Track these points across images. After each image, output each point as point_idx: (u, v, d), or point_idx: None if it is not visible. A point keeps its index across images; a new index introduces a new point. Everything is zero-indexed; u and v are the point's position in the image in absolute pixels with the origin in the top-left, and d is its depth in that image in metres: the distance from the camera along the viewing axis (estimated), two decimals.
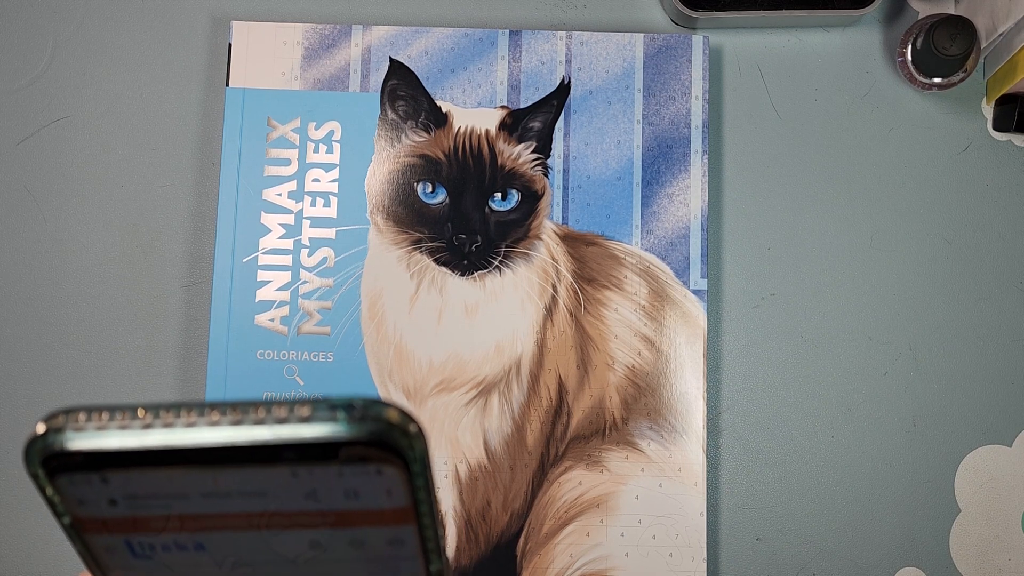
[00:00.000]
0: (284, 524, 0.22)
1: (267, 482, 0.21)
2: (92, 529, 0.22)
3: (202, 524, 0.22)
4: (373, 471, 0.20)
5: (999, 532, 0.51)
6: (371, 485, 0.21)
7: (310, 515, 0.22)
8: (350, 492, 0.21)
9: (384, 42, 0.52)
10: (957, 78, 0.52)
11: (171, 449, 0.20)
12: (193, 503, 0.21)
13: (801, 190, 0.53)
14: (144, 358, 0.52)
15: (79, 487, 0.21)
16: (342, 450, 0.20)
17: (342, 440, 0.20)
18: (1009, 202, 0.54)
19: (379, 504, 0.21)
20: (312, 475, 0.20)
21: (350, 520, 0.22)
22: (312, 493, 0.21)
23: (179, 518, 0.22)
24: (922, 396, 0.52)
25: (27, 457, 0.20)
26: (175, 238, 0.53)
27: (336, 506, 0.21)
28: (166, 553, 0.23)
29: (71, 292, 0.52)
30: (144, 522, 0.22)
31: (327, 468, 0.20)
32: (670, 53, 0.52)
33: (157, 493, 0.21)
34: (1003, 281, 0.53)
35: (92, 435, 0.20)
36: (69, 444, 0.20)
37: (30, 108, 0.53)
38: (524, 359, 0.50)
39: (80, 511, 0.21)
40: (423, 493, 0.21)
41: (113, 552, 0.23)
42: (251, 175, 0.51)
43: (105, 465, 0.20)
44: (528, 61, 0.52)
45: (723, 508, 0.51)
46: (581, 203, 0.51)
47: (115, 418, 0.20)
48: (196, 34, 0.54)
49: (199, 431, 0.20)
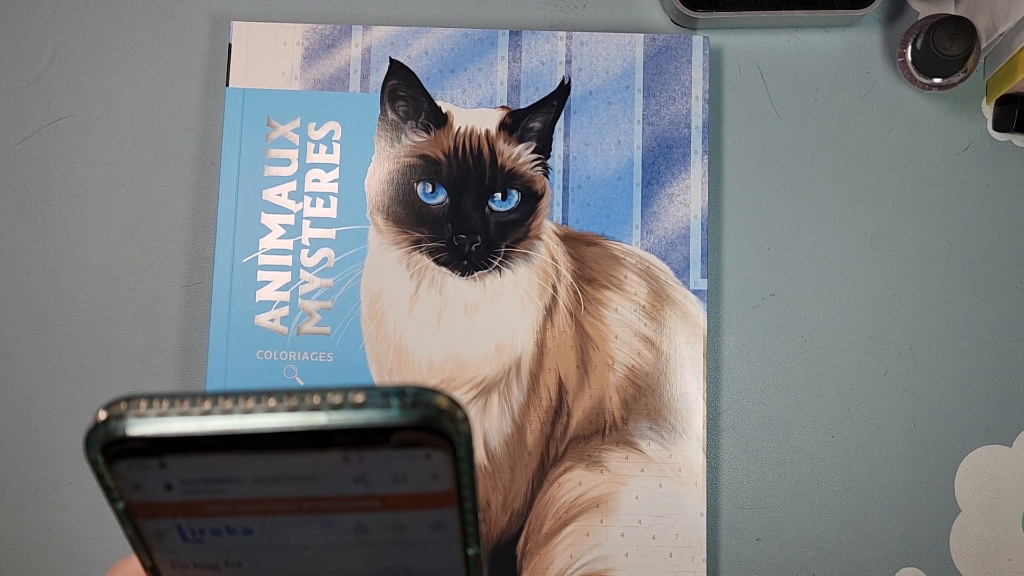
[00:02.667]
0: (332, 508, 0.23)
1: (319, 467, 0.21)
2: (145, 514, 0.23)
3: (253, 509, 0.23)
4: (421, 455, 0.21)
5: (999, 532, 0.51)
6: (419, 469, 0.22)
7: (358, 499, 0.23)
8: (398, 476, 0.22)
9: (384, 42, 0.52)
10: (957, 78, 0.52)
11: (229, 434, 0.21)
12: (246, 487, 0.22)
13: (801, 190, 0.53)
14: (144, 358, 0.52)
15: (137, 472, 0.22)
16: (394, 435, 0.21)
17: (394, 425, 0.20)
18: (1009, 202, 0.54)
19: (425, 487, 0.22)
20: (363, 460, 0.21)
21: (396, 504, 0.23)
22: (362, 477, 0.22)
23: (231, 502, 0.23)
24: (922, 396, 0.52)
25: (88, 444, 0.21)
26: (175, 238, 0.53)
27: (384, 490, 0.22)
28: (215, 537, 0.24)
29: (71, 292, 0.52)
30: (197, 506, 0.23)
31: (378, 453, 0.21)
32: (670, 53, 0.52)
33: (212, 478, 0.22)
34: (1003, 281, 0.53)
35: (153, 421, 0.20)
36: (130, 430, 0.20)
37: (30, 108, 0.53)
38: (524, 359, 0.50)
39: (135, 496, 0.22)
40: (467, 478, 0.22)
41: (164, 536, 0.23)
42: (251, 175, 0.51)
43: (164, 451, 0.21)
44: (528, 61, 0.52)
45: (723, 508, 0.51)
46: (581, 203, 0.51)
47: (175, 405, 0.21)
48: (196, 34, 0.54)
49: (256, 417, 0.20)
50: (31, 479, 0.51)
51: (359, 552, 0.24)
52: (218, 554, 0.24)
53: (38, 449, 0.51)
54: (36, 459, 0.51)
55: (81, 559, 0.50)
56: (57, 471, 0.51)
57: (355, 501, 0.23)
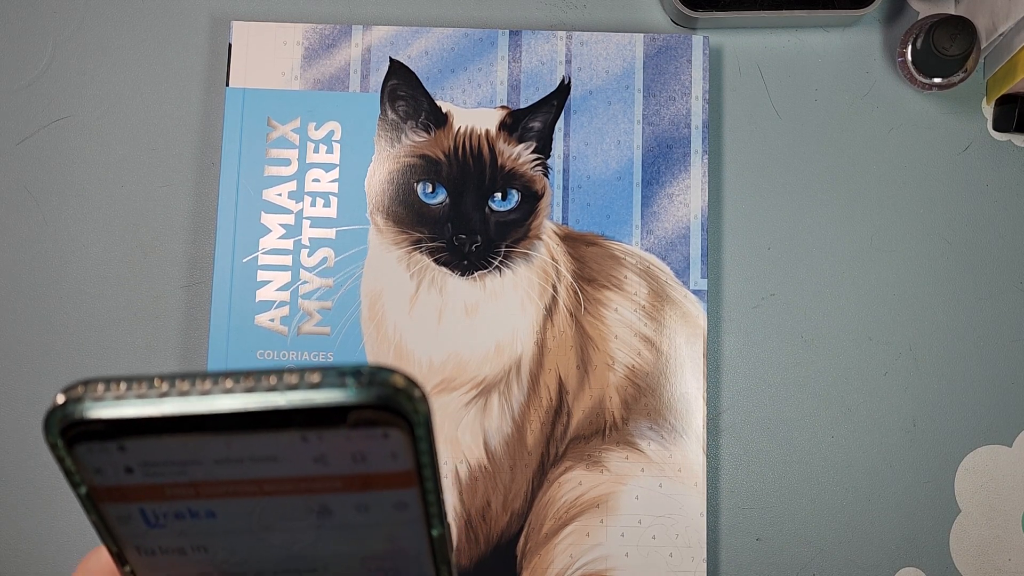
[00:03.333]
0: (294, 490, 0.23)
1: (278, 447, 0.21)
2: (108, 498, 0.23)
3: (214, 491, 0.23)
4: (379, 434, 0.21)
5: (999, 532, 0.51)
6: (377, 448, 0.22)
7: (319, 480, 0.22)
8: (357, 456, 0.22)
9: (384, 42, 0.52)
10: (957, 78, 0.52)
11: (187, 416, 0.21)
12: (206, 470, 0.22)
13: (801, 190, 0.53)
14: (144, 358, 0.52)
15: (96, 456, 0.22)
16: (351, 414, 0.21)
17: (351, 404, 0.20)
18: (1009, 202, 0.54)
19: (385, 467, 0.22)
20: (321, 439, 0.21)
21: (357, 484, 0.23)
22: (321, 457, 0.22)
23: (192, 485, 0.22)
24: (922, 396, 0.52)
25: (47, 427, 0.21)
26: (175, 238, 0.53)
27: (344, 470, 0.22)
28: (179, 521, 0.23)
29: (71, 292, 0.52)
30: (159, 490, 0.23)
31: (336, 432, 0.21)
32: (670, 53, 0.52)
33: (172, 460, 0.22)
34: (1003, 281, 0.53)
35: (110, 404, 0.20)
36: (88, 413, 0.21)
37: (30, 108, 0.53)
38: (524, 359, 0.50)
39: (97, 480, 0.22)
40: (426, 457, 0.22)
41: (128, 522, 0.23)
42: (251, 175, 0.51)
43: (122, 433, 0.21)
44: (528, 61, 0.52)
45: (723, 508, 0.51)
46: (581, 203, 0.51)
47: (132, 388, 0.21)
48: (196, 34, 0.54)
49: (213, 399, 0.20)
50: (31, 479, 0.51)
51: (324, 535, 0.24)
52: (183, 539, 0.24)
53: (39, 449, 0.51)
54: (36, 459, 0.51)
55: (81, 559, 0.50)
56: (57, 471, 0.51)
57: (316, 482, 0.22)
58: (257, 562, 0.25)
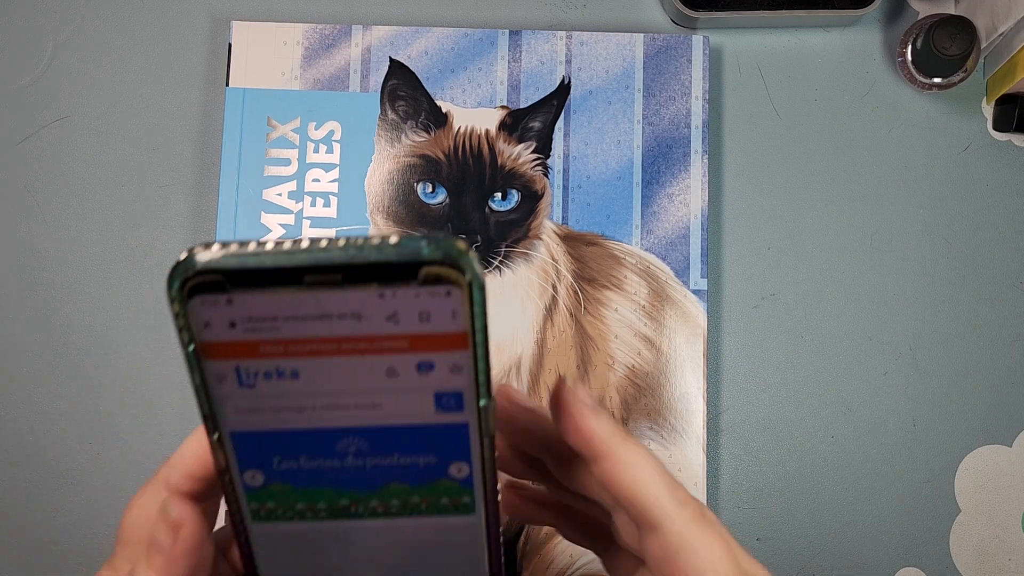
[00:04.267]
0: (368, 349, 0.26)
1: (359, 303, 0.25)
2: (210, 354, 0.26)
3: (300, 349, 0.26)
4: (443, 292, 0.25)
5: (999, 532, 0.51)
6: (440, 307, 0.25)
7: (390, 339, 0.26)
8: (423, 315, 0.25)
9: (384, 42, 0.52)
10: (957, 78, 0.52)
11: (287, 268, 0.24)
12: (297, 327, 0.26)
13: (801, 190, 0.53)
14: (144, 358, 0.52)
15: (207, 309, 0.25)
16: (422, 270, 0.24)
17: (423, 260, 0.24)
18: (1009, 202, 0.54)
19: (445, 328, 0.26)
20: (395, 296, 0.25)
21: (421, 344, 0.26)
22: (393, 315, 0.25)
23: (283, 343, 0.26)
24: (922, 396, 0.52)
25: (170, 280, 0.24)
26: (175, 238, 0.53)
27: (411, 329, 0.26)
28: (267, 381, 0.27)
29: (71, 292, 0.52)
30: (254, 347, 0.26)
31: (408, 289, 0.25)
32: (670, 53, 0.52)
33: (269, 316, 0.26)
34: (1003, 281, 0.53)
35: (223, 257, 0.24)
36: (205, 264, 0.24)
37: (30, 108, 0.53)
38: (524, 359, 0.50)
39: (204, 335, 0.26)
40: (480, 321, 0.25)
41: (223, 381, 0.27)
42: (251, 175, 0.51)
43: (232, 286, 0.25)
44: (528, 61, 0.52)
45: (723, 508, 0.51)
46: (581, 203, 0.51)
47: (243, 246, 0.24)
48: (196, 34, 0.54)
49: (312, 253, 0.24)
50: (31, 479, 0.51)
51: (388, 401, 0.27)
52: (269, 400, 0.27)
53: (38, 448, 0.51)
54: (36, 459, 0.51)
55: (80, 558, 0.50)
56: (57, 471, 0.51)
57: (387, 341, 0.26)
58: (326, 428, 0.28)
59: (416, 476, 0.29)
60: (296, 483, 0.29)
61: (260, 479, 0.29)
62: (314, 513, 0.30)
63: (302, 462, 0.29)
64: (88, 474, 0.51)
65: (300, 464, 0.29)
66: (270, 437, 0.29)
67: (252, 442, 0.29)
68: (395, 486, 0.30)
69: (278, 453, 0.29)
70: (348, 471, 0.29)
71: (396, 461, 0.29)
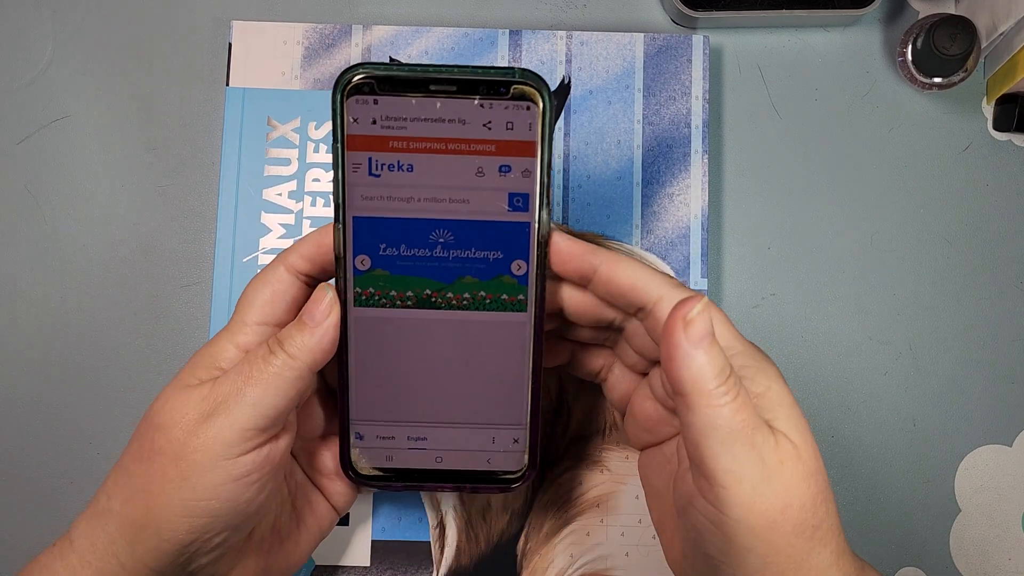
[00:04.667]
0: (467, 150, 0.35)
1: (465, 110, 0.35)
2: (353, 146, 0.35)
3: (418, 146, 0.35)
4: (524, 107, 0.35)
5: (999, 532, 0.51)
6: (522, 118, 0.35)
7: (483, 143, 0.35)
8: (509, 123, 0.35)
9: (384, 42, 0.52)
10: (957, 78, 0.52)
11: (421, 79, 0.35)
12: (419, 127, 0.35)
13: (801, 190, 0.53)
14: (144, 358, 0.52)
15: (358, 107, 0.35)
16: (512, 87, 0.35)
17: (515, 80, 0.35)
18: (1009, 202, 0.54)
19: (523, 136, 0.35)
20: (491, 107, 0.35)
21: (504, 149, 0.35)
22: (488, 123, 0.35)
23: (407, 139, 0.35)
24: (922, 396, 0.52)
25: (335, 83, 0.35)
26: (175, 238, 0.53)
27: (499, 136, 0.35)
28: (389, 172, 0.36)
29: (70, 292, 0.52)
30: (385, 141, 0.35)
31: (500, 102, 0.35)
32: (670, 53, 0.52)
33: (401, 116, 0.35)
34: (1003, 281, 0.53)
35: (375, 68, 0.35)
36: (365, 70, 0.35)
37: (30, 107, 0.53)
38: None
39: (351, 129, 0.35)
40: (548, 131, 0.35)
41: (357, 169, 0.36)
42: (251, 175, 0.51)
43: (378, 90, 0.35)
44: (528, 61, 0.52)
45: None
46: (581, 203, 0.51)
47: (390, 64, 0.35)
48: (196, 33, 0.54)
49: (438, 70, 0.34)
50: (31, 479, 0.51)
51: (475, 196, 0.36)
52: (390, 190, 0.36)
53: (38, 449, 0.51)
54: (36, 459, 0.51)
55: None
56: (57, 471, 0.51)
57: (481, 144, 0.35)
58: (425, 218, 0.36)
59: (485, 270, 0.37)
60: (393, 270, 0.37)
61: (367, 264, 0.37)
62: (402, 301, 0.37)
63: (401, 250, 0.37)
64: (88, 474, 0.51)
65: (399, 251, 0.37)
66: (382, 224, 0.36)
67: (367, 228, 0.36)
68: (468, 279, 0.37)
69: (385, 240, 0.36)
70: (434, 262, 0.37)
71: (472, 254, 0.37)
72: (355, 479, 0.41)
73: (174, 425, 0.36)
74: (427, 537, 0.49)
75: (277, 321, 0.39)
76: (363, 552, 0.49)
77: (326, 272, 0.39)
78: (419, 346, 0.38)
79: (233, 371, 0.37)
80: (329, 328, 0.37)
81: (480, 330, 0.38)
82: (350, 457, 0.41)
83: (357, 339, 0.38)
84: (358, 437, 0.40)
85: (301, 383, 0.37)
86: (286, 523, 0.42)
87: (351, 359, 0.39)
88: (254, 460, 0.36)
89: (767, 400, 0.35)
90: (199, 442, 0.36)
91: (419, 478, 0.41)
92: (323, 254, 0.38)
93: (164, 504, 0.36)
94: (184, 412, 0.36)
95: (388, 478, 0.41)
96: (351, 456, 0.41)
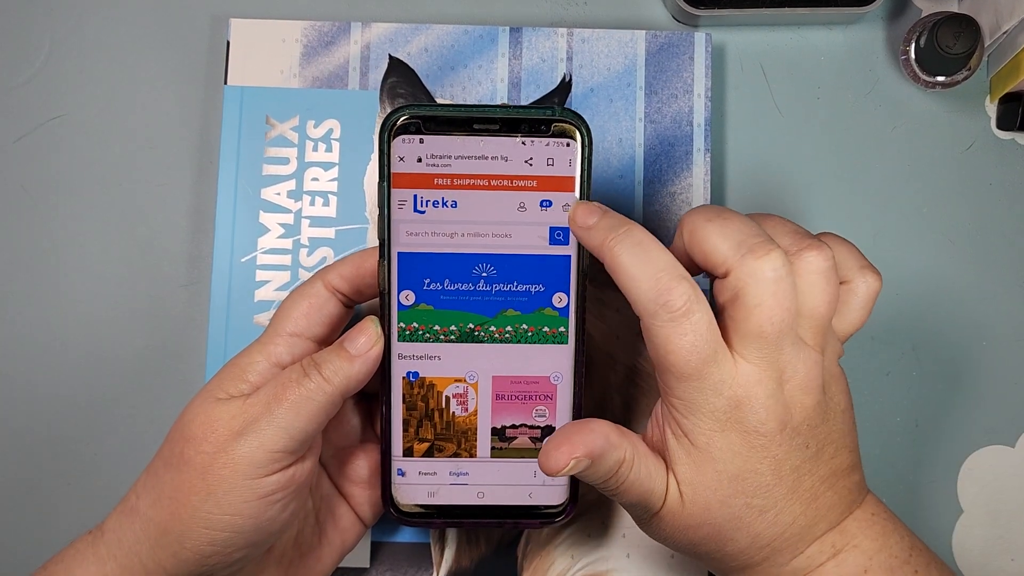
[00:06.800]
0: (509, 186, 0.37)
1: (507, 148, 0.36)
2: (399, 183, 0.37)
3: (461, 183, 0.37)
4: (564, 144, 0.37)
5: (1002, 533, 0.51)
6: (561, 154, 0.37)
7: (524, 178, 0.37)
8: (550, 160, 0.37)
9: (383, 39, 0.52)
10: (960, 76, 0.52)
11: (464, 119, 0.36)
12: (462, 165, 0.36)
13: (803, 188, 0.53)
14: (143, 358, 0.51)
15: (404, 146, 0.36)
16: (553, 125, 0.37)
17: (555, 118, 0.37)
18: (1013, 201, 0.53)
19: (563, 172, 0.37)
20: (532, 144, 0.37)
21: (545, 184, 0.37)
22: (529, 160, 0.37)
23: (451, 176, 0.37)
24: (924, 396, 0.52)
25: (382, 126, 0.37)
26: (173, 237, 0.52)
27: (540, 171, 0.37)
28: (434, 209, 0.37)
29: (69, 292, 0.52)
30: (430, 179, 0.37)
31: (541, 140, 0.37)
32: (672, 51, 0.52)
33: (445, 154, 0.36)
34: (1007, 280, 0.53)
35: (420, 108, 0.36)
36: (410, 112, 0.36)
37: (27, 106, 0.53)
38: None
39: (397, 167, 0.37)
40: (587, 167, 0.37)
41: (403, 206, 0.37)
42: (249, 174, 0.51)
43: (424, 129, 0.36)
44: (529, 58, 0.52)
45: None
46: None
47: (435, 104, 0.37)
48: (194, 32, 0.54)
49: (481, 109, 0.36)
50: (30, 479, 0.51)
51: (517, 231, 0.37)
52: (434, 226, 0.37)
53: (37, 449, 0.51)
54: (36, 459, 0.51)
55: None
56: (56, 471, 0.51)
57: (522, 180, 0.37)
58: (468, 252, 0.38)
59: (527, 303, 0.38)
60: (437, 305, 0.38)
61: (411, 299, 0.38)
62: (445, 335, 0.38)
63: (445, 284, 0.37)
64: (88, 474, 0.51)
65: (443, 286, 0.38)
66: (426, 260, 0.37)
67: (412, 264, 0.37)
68: (510, 312, 0.38)
69: (429, 275, 0.38)
70: (477, 296, 0.38)
71: (514, 287, 0.38)
72: (397, 516, 0.41)
73: (204, 439, 0.37)
74: (427, 538, 0.49)
75: (311, 334, 0.40)
76: (363, 553, 0.49)
77: (362, 295, 0.40)
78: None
79: (266, 389, 0.37)
80: (368, 360, 0.38)
81: (522, 363, 0.39)
82: (391, 494, 0.41)
83: (400, 374, 0.39)
84: (400, 473, 0.41)
85: (332, 408, 0.38)
86: (309, 537, 0.42)
87: (393, 394, 0.39)
88: (279, 480, 0.37)
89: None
90: (227, 458, 0.36)
91: (461, 514, 0.41)
92: (361, 276, 0.40)
93: (188, 515, 0.36)
94: (214, 428, 0.37)
95: (430, 515, 0.41)
96: (392, 493, 0.41)
